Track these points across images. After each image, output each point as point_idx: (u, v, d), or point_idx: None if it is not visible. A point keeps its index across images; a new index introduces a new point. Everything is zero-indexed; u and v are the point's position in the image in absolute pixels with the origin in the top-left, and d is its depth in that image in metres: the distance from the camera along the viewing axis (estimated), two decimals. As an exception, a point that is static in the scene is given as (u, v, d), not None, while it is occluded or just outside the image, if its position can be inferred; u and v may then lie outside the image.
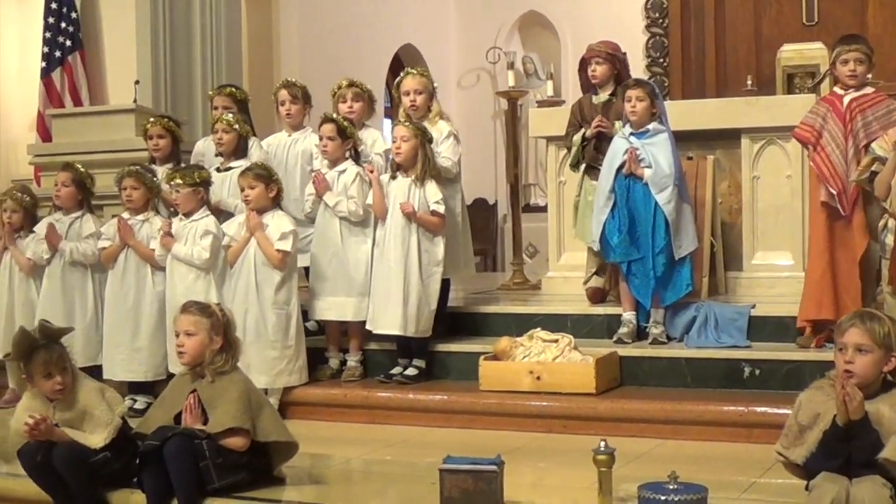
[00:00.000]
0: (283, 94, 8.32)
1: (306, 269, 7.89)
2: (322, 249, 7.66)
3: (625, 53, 8.32)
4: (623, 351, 7.24)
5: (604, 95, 8.09)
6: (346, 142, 7.67)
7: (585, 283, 8.22)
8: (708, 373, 7.00)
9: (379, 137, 8.24)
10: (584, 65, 8.26)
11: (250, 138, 8.14)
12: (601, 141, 7.86)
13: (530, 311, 8.10)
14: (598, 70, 8.09)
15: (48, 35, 11.62)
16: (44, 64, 11.70)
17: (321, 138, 7.68)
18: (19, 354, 5.58)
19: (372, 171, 7.56)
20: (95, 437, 5.47)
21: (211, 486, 5.31)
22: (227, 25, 11.70)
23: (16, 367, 7.68)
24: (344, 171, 7.65)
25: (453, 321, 8.09)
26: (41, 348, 5.52)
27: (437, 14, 16.90)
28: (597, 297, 8.16)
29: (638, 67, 13.61)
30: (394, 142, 7.51)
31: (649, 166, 7.25)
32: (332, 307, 7.63)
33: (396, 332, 7.43)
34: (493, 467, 4.94)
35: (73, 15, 11.50)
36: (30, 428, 5.35)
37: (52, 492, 5.51)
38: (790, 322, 7.15)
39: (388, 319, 7.43)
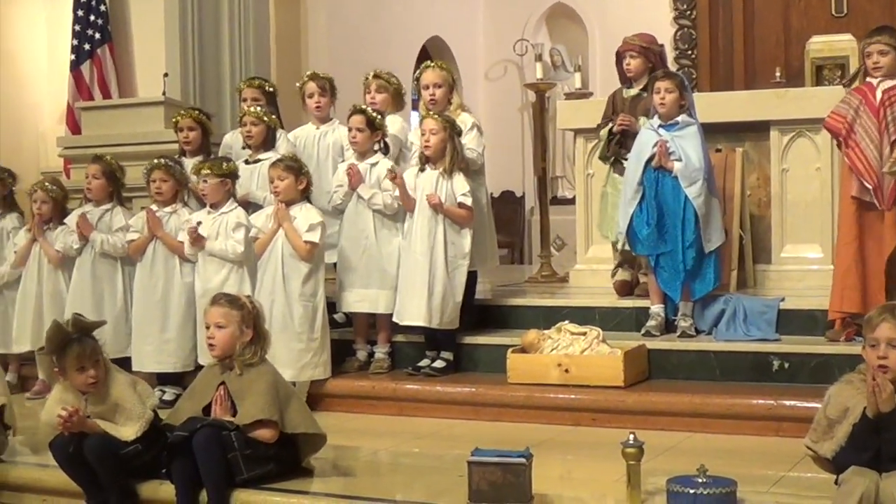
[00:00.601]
0: (312, 86, 8.31)
1: (333, 264, 7.91)
2: (354, 242, 7.65)
3: (661, 46, 8.29)
4: (651, 344, 7.22)
5: (635, 89, 8.05)
6: (375, 133, 7.66)
7: (613, 275, 8.20)
8: (736, 366, 6.98)
9: (401, 123, 8.22)
10: (619, 57, 8.23)
11: (278, 131, 8.14)
12: (625, 137, 7.83)
13: (558, 304, 8.10)
14: (633, 63, 8.07)
15: (77, 28, 11.67)
16: (73, 57, 11.75)
17: (350, 129, 7.67)
18: (53, 348, 5.59)
19: (395, 178, 7.53)
20: (127, 430, 5.49)
21: (239, 477, 5.33)
22: (256, 18, 11.72)
23: (48, 361, 7.74)
24: (376, 163, 7.65)
25: (481, 314, 8.08)
26: (74, 342, 5.53)
27: (464, 6, 16.89)
28: (624, 289, 8.14)
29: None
30: (422, 135, 7.50)
31: (679, 159, 7.21)
32: (364, 300, 7.63)
33: (421, 323, 7.44)
34: (522, 460, 4.93)
35: (102, 7, 11.55)
36: (63, 420, 5.36)
37: (83, 483, 5.54)
38: (819, 315, 7.13)
39: (413, 311, 7.44)
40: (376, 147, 7.72)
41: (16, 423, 6.28)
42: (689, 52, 15.18)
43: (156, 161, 7.84)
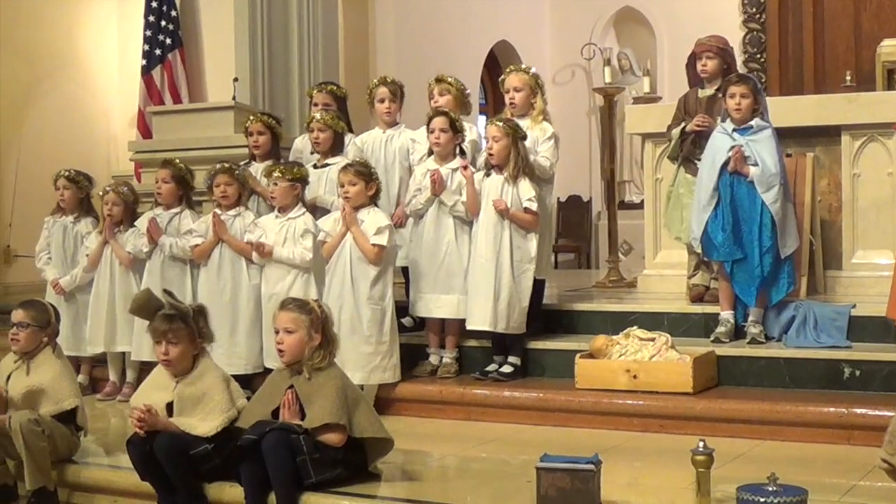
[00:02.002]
0: (383, 91, 8.30)
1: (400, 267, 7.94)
2: (433, 247, 7.65)
3: (731, 48, 8.25)
4: (720, 350, 7.17)
5: (710, 90, 8.00)
6: (456, 135, 7.67)
7: (690, 277, 8.15)
8: (807, 373, 6.91)
9: (467, 128, 8.17)
10: (692, 59, 8.18)
11: (347, 135, 8.17)
12: (700, 137, 7.79)
13: (626, 309, 8.06)
14: (709, 64, 8.02)
15: (149, 33, 11.79)
16: (144, 62, 11.88)
17: (433, 131, 7.64)
18: (136, 311, 5.83)
19: (466, 168, 7.55)
20: (206, 425, 5.56)
21: (308, 480, 5.34)
22: (324, 23, 11.78)
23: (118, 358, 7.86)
24: (457, 168, 7.65)
25: (548, 319, 8.07)
26: (159, 315, 5.68)
27: (532, 10, 16.90)
28: (701, 295, 8.08)
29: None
30: (486, 141, 7.50)
31: (755, 164, 7.15)
32: (445, 305, 7.62)
33: (486, 327, 7.43)
34: (591, 466, 4.92)
35: (173, 13, 11.67)
36: (137, 423, 5.46)
37: (156, 483, 5.60)
38: (892, 322, 7.04)
39: (479, 315, 7.43)
40: (456, 151, 7.72)
41: (87, 425, 6.35)
42: (759, 55, 15.10)
43: (219, 166, 7.91)
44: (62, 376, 6.19)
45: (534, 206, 7.39)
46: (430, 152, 7.76)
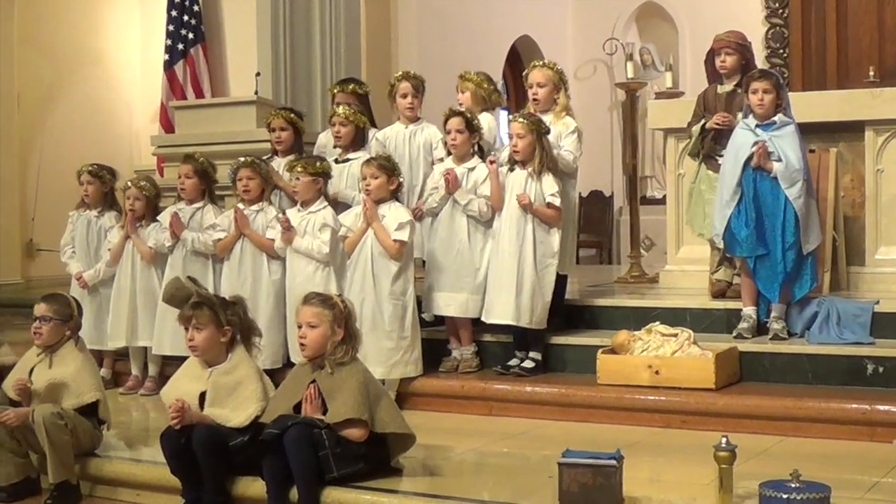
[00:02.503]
0: (406, 86, 8.29)
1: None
2: (446, 245, 7.65)
3: (750, 43, 8.22)
4: (743, 346, 7.14)
5: (729, 85, 7.98)
6: (473, 135, 7.66)
7: (713, 272, 8.12)
8: (830, 369, 6.88)
9: (490, 121, 8.18)
10: (710, 55, 8.15)
11: (368, 130, 8.18)
12: (721, 133, 7.77)
13: (648, 305, 8.04)
14: (728, 60, 7.99)
15: (171, 28, 11.82)
16: (167, 56, 11.91)
17: (449, 132, 7.65)
18: (170, 299, 5.91)
19: (493, 163, 7.55)
20: (239, 416, 5.60)
21: (330, 475, 5.35)
22: (347, 18, 11.79)
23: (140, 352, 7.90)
24: (473, 168, 7.64)
25: (570, 314, 8.05)
26: (188, 303, 5.76)
27: (554, 5, 16.89)
28: (723, 291, 8.05)
29: (757, 58, 13.45)
30: (510, 138, 7.50)
31: (778, 160, 7.13)
32: (454, 303, 7.62)
33: (508, 321, 7.43)
34: (613, 462, 4.91)
35: (196, 8, 11.69)
36: (174, 418, 5.50)
37: (184, 476, 5.62)
38: (917, 318, 7.03)
39: (501, 309, 7.43)
40: (473, 150, 7.71)
41: (110, 418, 6.37)
42: (781, 50, 15.03)
43: (242, 160, 7.93)
44: (84, 370, 6.22)
45: (556, 202, 7.38)
46: (449, 151, 7.76)
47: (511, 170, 7.50)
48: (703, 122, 7.99)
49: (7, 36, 12.40)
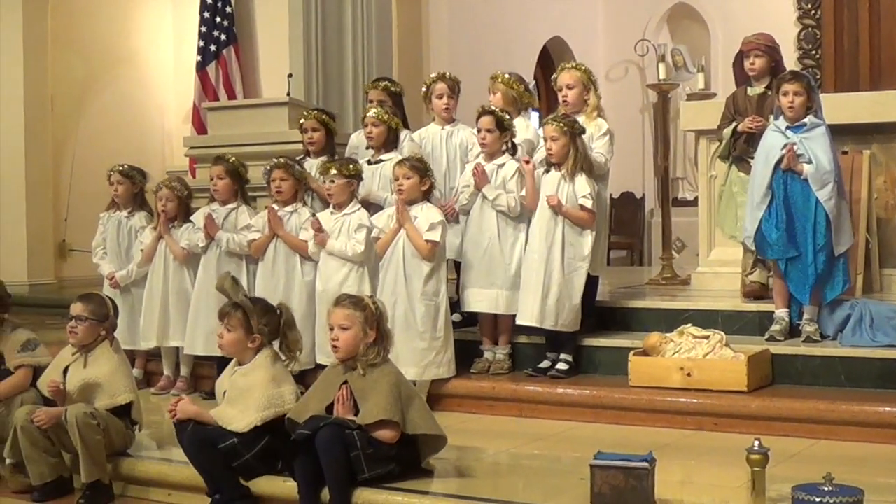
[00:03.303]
0: (442, 87, 8.27)
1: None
2: (476, 242, 7.65)
3: (778, 45, 8.20)
4: (775, 349, 7.12)
5: (759, 88, 7.96)
6: (503, 134, 7.65)
7: (748, 274, 8.07)
8: (863, 372, 6.85)
9: (523, 126, 8.15)
10: (738, 58, 8.14)
11: (402, 131, 8.18)
12: (753, 135, 7.74)
13: (680, 307, 8.00)
14: (758, 63, 7.99)
15: (203, 29, 11.88)
16: (199, 58, 11.96)
17: (479, 130, 7.66)
18: (220, 289, 5.96)
19: (528, 162, 7.55)
20: (240, 421, 5.61)
21: (361, 476, 5.36)
22: (378, 19, 11.81)
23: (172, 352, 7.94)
24: (503, 164, 7.64)
25: (601, 316, 8.03)
26: (229, 303, 5.85)
27: (585, 6, 16.87)
28: (757, 293, 8.01)
29: (789, 59, 13.39)
30: (544, 141, 7.49)
31: (809, 161, 7.10)
32: (484, 299, 7.62)
33: (533, 323, 7.42)
34: (645, 464, 4.91)
35: (228, 10, 11.75)
36: (170, 411, 5.65)
37: (201, 471, 5.69)
38: (951, 321, 6.98)
39: (528, 311, 7.43)
40: (504, 148, 7.71)
41: (142, 419, 6.40)
42: (814, 51, 14.94)
43: (275, 161, 7.94)
44: (118, 371, 6.25)
45: (589, 204, 7.36)
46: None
47: (547, 171, 7.50)
48: (734, 124, 7.96)
49: (41, 36, 12.48)
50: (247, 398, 5.68)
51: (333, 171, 7.54)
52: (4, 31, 12.39)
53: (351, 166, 7.61)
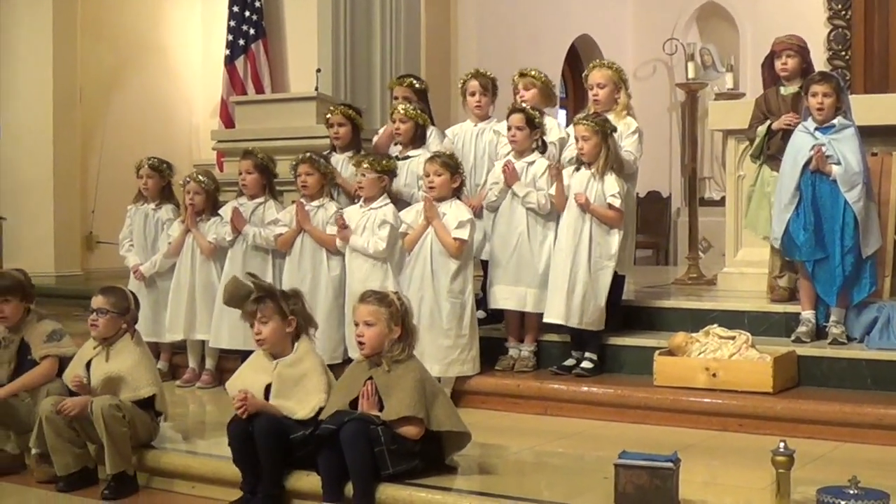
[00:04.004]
0: (474, 84, 8.24)
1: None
2: (505, 239, 7.63)
3: (808, 46, 8.15)
4: (801, 350, 7.08)
5: (793, 87, 7.88)
6: (534, 132, 7.63)
7: (777, 278, 8.04)
8: (889, 375, 6.80)
9: (555, 126, 8.16)
10: (768, 59, 8.10)
11: (428, 127, 8.17)
12: (788, 134, 7.70)
13: (706, 307, 7.97)
14: (790, 63, 7.93)
15: (232, 24, 11.92)
16: (227, 52, 12.00)
17: (509, 128, 7.64)
18: (230, 299, 5.98)
19: (558, 170, 7.52)
20: (303, 408, 5.64)
21: (385, 472, 5.36)
22: (407, 15, 11.82)
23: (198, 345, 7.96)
24: (533, 162, 7.62)
25: (627, 315, 8.01)
26: (249, 299, 5.82)
27: (614, 4, 16.86)
28: (784, 299, 7.96)
29: (819, 60, 13.34)
30: (576, 141, 7.47)
31: (837, 163, 7.06)
32: (512, 297, 7.61)
33: (559, 321, 7.41)
34: (670, 464, 4.90)
35: (257, 4, 11.79)
36: (239, 407, 5.58)
37: (247, 467, 5.65)
38: (979, 325, 6.94)
39: (554, 309, 7.42)
40: (534, 146, 7.70)
41: (167, 410, 6.41)
42: (843, 52, 14.86)
43: (301, 155, 7.96)
44: (141, 364, 6.25)
45: (617, 203, 7.34)
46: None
47: (577, 169, 7.48)
48: (768, 122, 7.91)
49: (70, 27, 12.53)
50: (305, 385, 5.71)
51: (365, 166, 7.54)
52: (34, 21, 12.44)
53: (384, 162, 7.62)
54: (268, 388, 5.75)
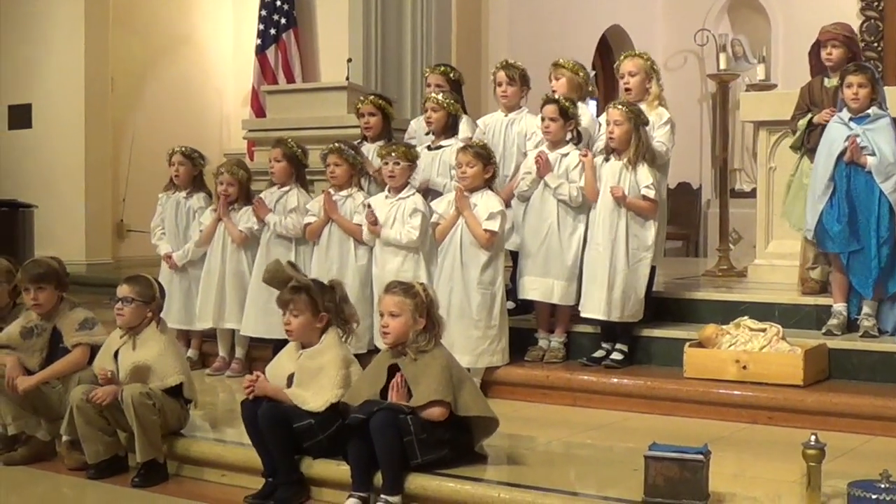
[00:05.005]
0: (501, 75, 8.22)
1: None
2: (535, 230, 7.62)
3: (857, 36, 8.06)
4: (832, 343, 7.05)
5: (836, 79, 7.74)
6: (568, 123, 7.62)
7: (809, 269, 7.99)
8: (922, 369, 6.78)
9: (587, 113, 8.12)
10: (815, 47, 8.00)
11: (461, 117, 8.16)
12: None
13: (736, 299, 7.96)
14: (835, 53, 7.80)
15: (264, 13, 11.94)
16: (259, 41, 12.03)
17: (543, 119, 7.62)
18: (270, 279, 6.01)
19: (586, 156, 7.51)
20: (316, 401, 5.65)
21: (414, 461, 5.38)
22: (438, 5, 11.83)
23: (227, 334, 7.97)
24: (566, 154, 7.60)
25: (657, 306, 7.97)
26: (286, 286, 5.86)
27: (645, -5, 16.79)
28: (815, 291, 7.90)
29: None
30: (607, 125, 7.45)
31: (872, 154, 7.02)
32: (539, 287, 7.60)
33: (600, 316, 7.40)
34: (700, 456, 4.88)
35: (289, -7, 11.77)
36: (246, 387, 5.67)
37: (263, 452, 5.70)
38: None
39: (593, 304, 7.41)
40: (568, 137, 7.68)
41: (196, 397, 6.44)
42: (875, 44, 14.76)
43: (331, 145, 7.96)
44: (167, 352, 6.28)
45: (651, 194, 7.33)
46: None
47: (606, 160, 7.46)
48: (810, 115, 7.84)
49: (102, 17, 12.57)
50: (321, 378, 5.72)
51: (395, 155, 7.54)
52: (67, 12, 12.50)
53: (412, 151, 7.63)
54: (291, 378, 5.80)
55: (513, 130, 8.18)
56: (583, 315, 7.52)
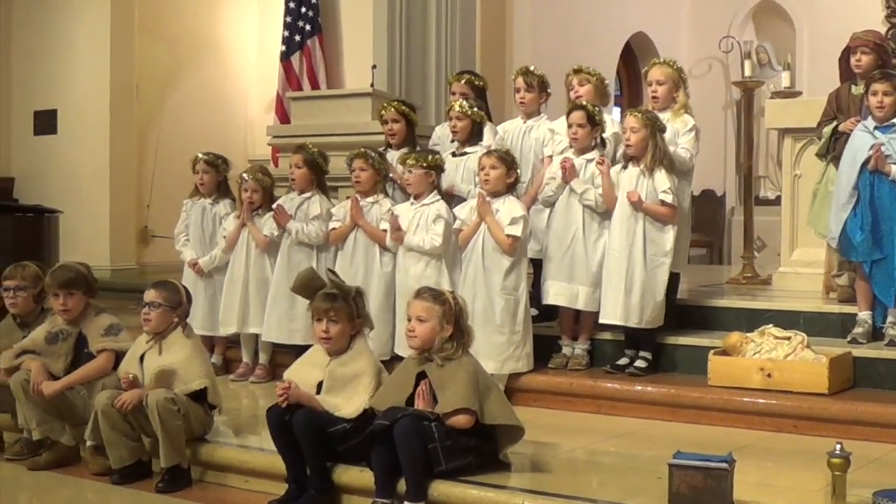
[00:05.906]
0: (519, 81, 8.25)
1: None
2: (560, 235, 7.63)
3: (888, 44, 8.00)
4: (857, 351, 7.03)
5: (862, 87, 7.75)
6: (594, 129, 7.63)
7: (835, 276, 7.95)
8: (947, 377, 6.75)
9: (610, 121, 8.11)
10: (845, 53, 7.95)
11: (485, 124, 8.17)
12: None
13: (761, 307, 7.93)
14: (864, 60, 7.71)
15: (289, 19, 11.97)
16: (283, 47, 12.06)
17: (570, 126, 7.63)
18: (298, 290, 5.99)
19: (602, 163, 7.51)
20: (350, 407, 5.66)
21: (438, 468, 5.36)
22: (462, 12, 11.82)
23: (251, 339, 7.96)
24: (592, 160, 7.61)
25: (681, 314, 7.97)
26: (319, 294, 5.83)
27: (670, 2, 16.78)
28: (847, 294, 7.84)
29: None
30: (624, 132, 7.45)
31: (896, 162, 7.02)
32: (564, 293, 7.60)
33: (617, 322, 7.40)
34: (725, 465, 4.86)
35: (314, 0, 11.78)
36: (280, 395, 5.61)
37: (287, 456, 5.68)
38: None
39: (611, 309, 7.41)
40: (594, 143, 7.68)
41: (221, 402, 6.45)
42: (900, 51, 14.70)
43: (356, 151, 7.97)
44: (193, 357, 6.29)
45: (669, 198, 7.32)
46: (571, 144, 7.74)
47: (625, 167, 7.46)
48: (835, 123, 7.79)
49: (127, 23, 12.63)
50: (355, 385, 5.73)
51: (411, 162, 7.56)
52: (92, 18, 12.56)
53: (430, 157, 7.63)
54: (320, 385, 5.78)
55: (530, 137, 8.21)
56: (601, 321, 7.51)
